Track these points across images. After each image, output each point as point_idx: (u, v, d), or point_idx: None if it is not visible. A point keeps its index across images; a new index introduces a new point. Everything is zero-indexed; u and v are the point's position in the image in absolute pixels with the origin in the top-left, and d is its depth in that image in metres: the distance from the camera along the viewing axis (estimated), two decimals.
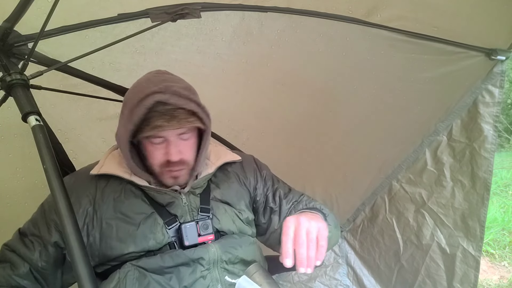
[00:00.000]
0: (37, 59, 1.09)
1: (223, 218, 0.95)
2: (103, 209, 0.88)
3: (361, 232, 1.93)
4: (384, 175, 1.71)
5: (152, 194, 0.91)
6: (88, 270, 0.55)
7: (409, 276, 1.63)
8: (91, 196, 0.90)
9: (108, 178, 0.92)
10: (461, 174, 1.40)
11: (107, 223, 0.86)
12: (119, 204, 0.89)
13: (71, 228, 0.58)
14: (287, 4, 1.15)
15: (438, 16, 1.14)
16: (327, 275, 2.02)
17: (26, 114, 0.72)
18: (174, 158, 0.87)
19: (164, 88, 0.83)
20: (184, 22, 1.15)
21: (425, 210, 1.56)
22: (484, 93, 1.29)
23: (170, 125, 0.82)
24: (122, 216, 0.87)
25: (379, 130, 1.57)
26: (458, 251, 1.43)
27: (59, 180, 0.63)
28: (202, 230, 0.89)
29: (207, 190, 0.98)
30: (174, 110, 0.84)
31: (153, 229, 0.86)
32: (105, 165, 0.94)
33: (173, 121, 0.83)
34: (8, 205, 1.34)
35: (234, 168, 1.07)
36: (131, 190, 0.92)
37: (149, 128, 0.83)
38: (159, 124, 0.82)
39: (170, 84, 0.85)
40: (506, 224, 3.50)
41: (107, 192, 0.90)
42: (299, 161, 1.78)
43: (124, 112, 0.87)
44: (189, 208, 0.92)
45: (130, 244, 0.84)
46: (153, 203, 0.91)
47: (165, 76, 0.91)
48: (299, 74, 1.43)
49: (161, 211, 0.90)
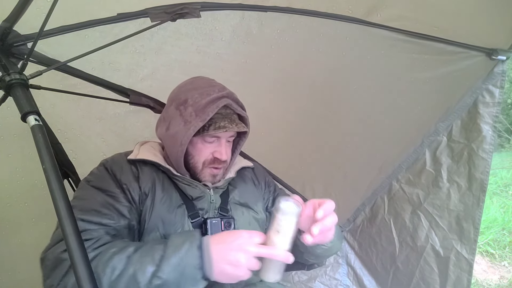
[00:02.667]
0: (37, 59, 1.08)
1: (241, 220, 0.98)
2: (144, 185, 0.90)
3: (361, 233, 1.93)
4: (384, 175, 1.71)
5: (182, 186, 0.95)
6: (88, 272, 0.55)
7: (404, 279, 1.63)
8: (133, 175, 0.91)
9: (145, 164, 0.95)
10: (458, 175, 1.39)
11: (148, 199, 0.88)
12: (158, 186, 0.92)
13: (70, 229, 0.58)
14: (287, 4, 1.15)
15: (439, 16, 1.13)
16: (327, 275, 2.02)
17: (26, 114, 0.72)
18: (224, 157, 0.95)
19: (230, 94, 0.94)
20: (183, 21, 1.15)
21: (421, 211, 1.55)
22: (485, 93, 1.28)
23: (232, 127, 0.90)
24: (157, 200, 0.90)
25: (379, 130, 1.57)
26: (451, 254, 1.42)
27: (58, 180, 0.63)
28: (225, 228, 0.92)
29: (227, 192, 1.03)
30: (232, 115, 0.94)
31: (180, 219, 0.89)
32: (141, 153, 0.97)
33: (233, 123, 0.92)
34: (8, 205, 1.34)
35: (248, 173, 1.14)
36: (165, 178, 0.95)
37: (213, 127, 0.90)
38: (224, 125, 0.90)
39: (231, 92, 0.95)
40: (506, 224, 3.50)
41: (147, 174, 0.93)
42: (299, 161, 1.78)
43: (186, 111, 0.89)
44: (214, 205, 0.96)
45: (159, 225, 0.86)
46: (182, 194, 0.94)
47: (214, 82, 0.99)
48: (299, 74, 1.42)
49: (188, 204, 0.93)
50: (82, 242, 0.58)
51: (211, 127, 0.90)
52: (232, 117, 0.94)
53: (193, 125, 0.88)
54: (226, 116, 0.92)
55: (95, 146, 1.44)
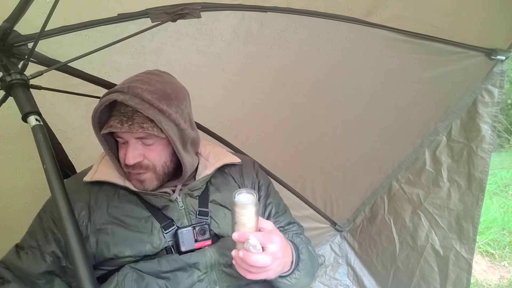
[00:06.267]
0: (37, 59, 1.08)
1: (223, 222, 0.93)
2: (97, 215, 0.87)
3: (360, 233, 1.93)
4: (384, 175, 1.71)
5: (147, 197, 0.91)
6: (89, 272, 0.55)
7: (405, 278, 1.63)
8: (85, 202, 0.89)
9: (102, 184, 0.92)
10: (458, 174, 1.39)
11: (103, 228, 0.85)
12: (114, 209, 0.88)
13: (71, 229, 0.58)
14: (287, 4, 1.15)
15: (438, 16, 1.14)
16: (327, 275, 2.02)
17: (26, 114, 0.72)
18: (128, 161, 0.85)
19: (127, 88, 0.81)
20: (184, 22, 1.15)
21: (421, 211, 1.55)
22: (484, 93, 1.28)
23: (121, 127, 0.81)
24: (117, 221, 0.86)
25: (379, 130, 1.57)
26: (451, 253, 1.42)
27: (59, 180, 0.63)
28: (199, 236, 0.88)
29: (206, 192, 0.97)
30: (134, 113, 0.82)
31: (149, 234, 0.85)
32: (99, 171, 0.94)
33: (127, 124, 0.81)
34: (8, 205, 1.34)
35: (233, 172, 1.05)
36: (125, 195, 0.91)
37: (106, 126, 0.84)
38: (111, 124, 0.82)
39: (137, 86, 0.82)
40: (506, 224, 3.50)
41: (101, 197, 0.90)
42: (299, 161, 1.78)
43: None
44: (186, 211, 0.91)
45: (127, 249, 0.84)
46: (149, 206, 0.90)
47: (147, 76, 0.88)
48: (299, 74, 1.42)
49: (158, 215, 0.89)
50: (83, 242, 0.58)
51: (105, 125, 0.84)
52: (134, 116, 0.82)
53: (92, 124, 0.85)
54: (124, 114, 0.82)
55: (95, 146, 1.43)
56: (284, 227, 1.06)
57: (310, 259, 0.92)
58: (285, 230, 1.05)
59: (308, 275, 0.90)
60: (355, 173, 1.77)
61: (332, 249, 2.05)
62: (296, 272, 0.84)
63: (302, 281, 0.87)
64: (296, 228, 1.08)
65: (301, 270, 0.86)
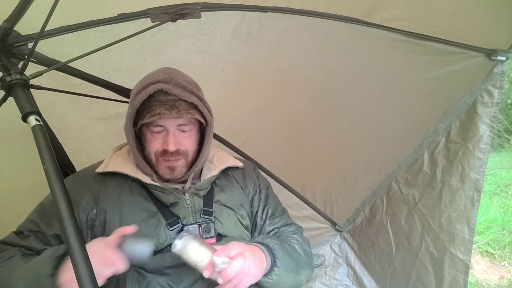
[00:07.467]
0: (37, 59, 1.08)
1: (227, 222, 0.95)
2: (107, 204, 0.88)
3: (359, 233, 1.93)
4: (383, 176, 1.72)
5: (156, 193, 0.92)
6: (89, 272, 0.55)
7: (402, 279, 1.62)
8: (95, 192, 0.90)
9: (113, 176, 0.93)
10: (450, 175, 1.37)
11: (111, 217, 0.87)
12: (124, 200, 0.89)
13: (71, 228, 0.58)
14: (287, 4, 1.15)
15: (438, 16, 1.14)
16: (327, 275, 2.02)
17: (26, 114, 0.72)
18: (170, 148, 0.89)
19: (168, 78, 0.87)
20: (184, 22, 1.15)
21: (415, 212, 1.54)
22: (484, 94, 1.28)
23: (170, 114, 0.85)
24: (127, 212, 0.88)
25: (379, 130, 1.57)
26: (445, 255, 1.40)
27: (59, 181, 0.63)
28: (204, 233, 0.90)
29: (211, 192, 0.99)
30: (175, 101, 0.88)
31: (156, 229, 0.87)
32: (110, 163, 0.95)
33: (173, 110, 0.86)
34: (8, 205, 1.34)
35: (236, 174, 1.08)
36: (136, 188, 0.93)
37: (149, 115, 0.86)
38: (159, 111, 0.85)
39: (175, 76, 0.89)
40: (506, 224, 3.50)
41: (111, 188, 0.91)
42: (299, 161, 1.78)
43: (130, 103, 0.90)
44: (192, 209, 0.92)
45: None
46: (157, 202, 0.91)
47: (173, 70, 0.94)
48: (299, 74, 1.43)
49: (165, 211, 0.90)
50: (84, 242, 0.58)
51: (148, 115, 0.86)
52: (176, 104, 0.87)
53: (128, 114, 0.87)
54: (166, 102, 0.87)
55: (95, 146, 1.44)
56: (280, 228, 1.07)
57: (288, 254, 0.93)
58: (280, 231, 1.07)
59: (290, 270, 0.90)
60: (355, 173, 1.77)
61: (332, 249, 2.05)
62: (275, 269, 0.86)
63: (286, 276, 0.89)
64: (292, 229, 1.09)
65: (279, 266, 0.87)
